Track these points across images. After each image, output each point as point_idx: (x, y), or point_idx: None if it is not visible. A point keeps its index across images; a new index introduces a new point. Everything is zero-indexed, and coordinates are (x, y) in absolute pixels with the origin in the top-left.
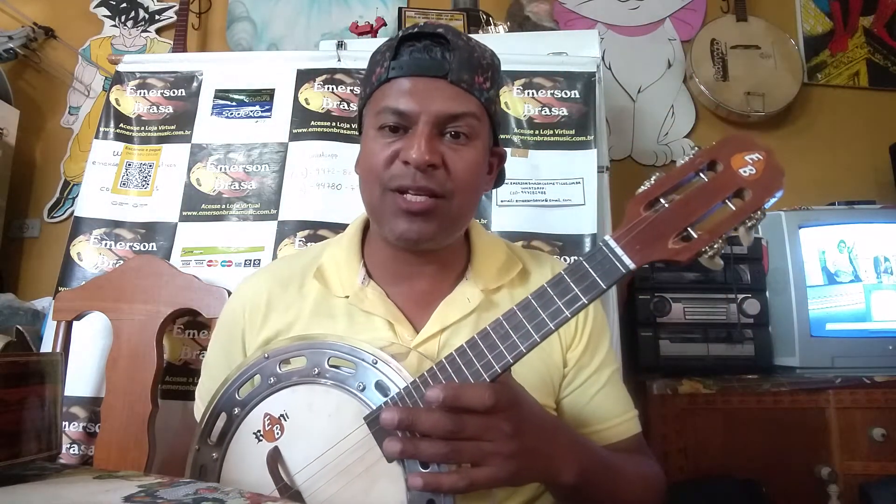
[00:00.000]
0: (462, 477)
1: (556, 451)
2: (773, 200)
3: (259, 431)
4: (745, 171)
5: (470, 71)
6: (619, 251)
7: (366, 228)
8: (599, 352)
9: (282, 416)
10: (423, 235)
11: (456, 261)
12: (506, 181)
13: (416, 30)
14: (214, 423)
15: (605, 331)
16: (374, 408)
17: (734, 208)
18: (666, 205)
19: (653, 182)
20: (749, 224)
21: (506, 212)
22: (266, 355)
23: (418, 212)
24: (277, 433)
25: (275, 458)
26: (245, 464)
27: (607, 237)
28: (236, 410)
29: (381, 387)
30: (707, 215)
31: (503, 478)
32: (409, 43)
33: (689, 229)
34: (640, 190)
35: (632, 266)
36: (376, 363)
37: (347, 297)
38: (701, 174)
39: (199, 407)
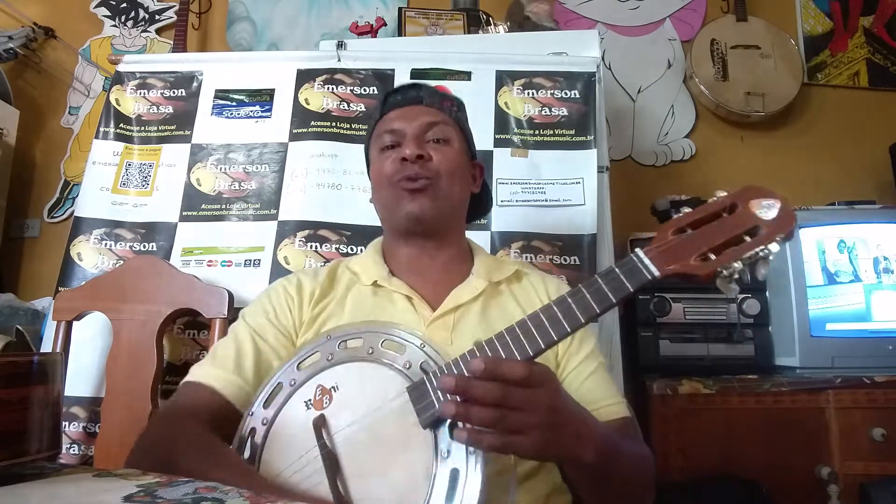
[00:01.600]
0: (498, 438)
1: (581, 431)
2: (783, 236)
3: (309, 400)
4: (760, 213)
5: (438, 98)
6: (647, 261)
7: (384, 247)
8: (586, 344)
9: (333, 387)
10: (424, 207)
11: (462, 262)
12: (506, 181)
13: (396, 87)
14: (272, 391)
15: (589, 328)
16: (416, 381)
17: (749, 240)
18: (691, 232)
19: (682, 215)
20: (762, 254)
21: (506, 212)
22: (328, 336)
23: (417, 190)
24: (326, 403)
25: (320, 424)
26: (291, 428)
27: (638, 250)
28: (293, 381)
29: (425, 365)
30: (726, 244)
31: (534, 445)
32: (393, 95)
33: (709, 253)
34: (672, 218)
35: (657, 274)
36: (424, 346)
37: (375, 282)
38: (724, 214)
39: (210, 372)
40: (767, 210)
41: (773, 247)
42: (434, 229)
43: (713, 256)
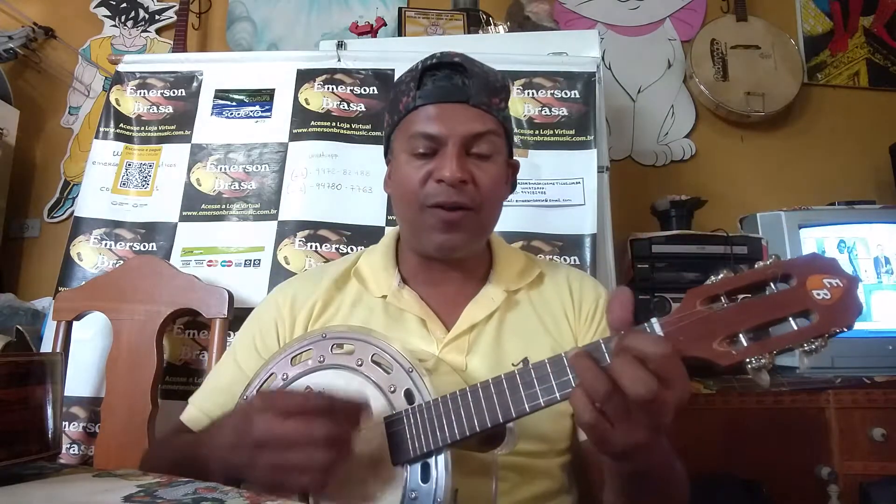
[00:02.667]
0: (603, 426)
1: (663, 447)
2: (840, 332)
3: None
4: (818, 294)
5: (487, 94)
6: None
7: (397, 240)
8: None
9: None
10: (458, 244)
11: (480, 266)
12: None
13: (434, 60)
14: (266, 379)
15: None
16: (397, 411)
17: (795, 328)
18: (725, 304)
19: (718, 279)
20: (807, 348)
21: (506, 212)
22: (324, 335)
23: (453, 223)
24: None
25: None
26: None
27: (654, 320)
28: (286, 376)
29: (409, 394)
30: (764, 326)
31: (624, 447)
32: (431, 73)
33: (740, 335)
34: (704, 283)
35: None
36: (411, 372)
37: (384, 296)
38: (772, 284)
39: (193, 414)
40: (827, 291)
41: (824, 341)
42: (461, 258)
43: (744, 342)
